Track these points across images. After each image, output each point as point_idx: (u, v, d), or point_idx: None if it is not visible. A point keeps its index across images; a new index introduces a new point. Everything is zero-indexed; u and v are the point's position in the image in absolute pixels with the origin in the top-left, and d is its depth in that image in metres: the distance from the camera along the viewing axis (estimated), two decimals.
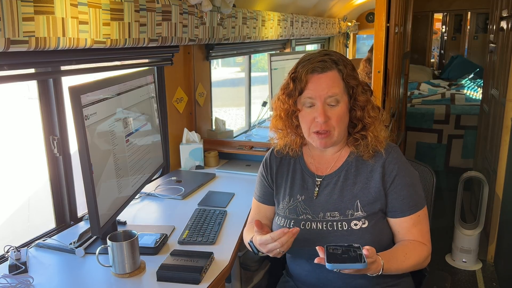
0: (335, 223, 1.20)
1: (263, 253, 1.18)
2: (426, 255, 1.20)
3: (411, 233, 1.20)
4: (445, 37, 7.07)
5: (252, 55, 3.36)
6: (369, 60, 3.24)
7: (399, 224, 1.21)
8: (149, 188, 1.94)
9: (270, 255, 1.14)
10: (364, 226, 1.17)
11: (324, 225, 1.21)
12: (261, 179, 1.39)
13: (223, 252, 1.39)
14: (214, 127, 2.63)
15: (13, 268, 1.29)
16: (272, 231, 1.20)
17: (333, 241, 1.18)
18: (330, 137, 1.20)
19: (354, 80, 1.20)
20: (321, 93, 1.16)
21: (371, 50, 3.27)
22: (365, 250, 1.02)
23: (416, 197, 1.21)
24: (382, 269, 1.08)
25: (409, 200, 1.20)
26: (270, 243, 1.10)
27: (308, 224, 1.23)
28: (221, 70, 7.18)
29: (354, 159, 1.25)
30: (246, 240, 1.30)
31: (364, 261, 1.00)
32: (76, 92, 1.17)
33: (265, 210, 1.39)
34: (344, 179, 1.24)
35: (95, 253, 1.29)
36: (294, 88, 1.19)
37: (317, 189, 1.27)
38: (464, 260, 2.74)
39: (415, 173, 1.26)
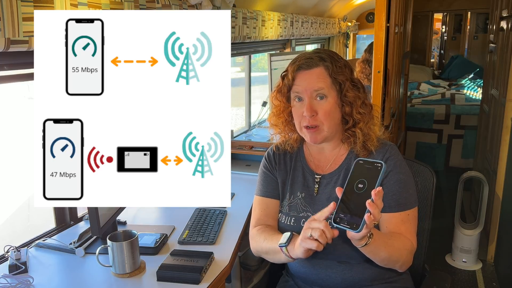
0: None
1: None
2: (409, 248, 1.16)
3: (399, 230, 1.18)
4: (445, 37, 7.07)
5: (252, 55, 3.35)
6: (367, 61, 3.01)
7: (387, 220, 1.19)
8: None
9: (303, 243, 1.02)
10: None
11: None
12: (265, 173, 1.36)
13: (223, 252, 1.39)
14: None
15: (13, 268, 1.29)
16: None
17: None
18: (320, 132, 1.21)
19: (342, 76, 1.21)
20: (306, 88, 1.20)
21: (368, 50, 3.03)
22: (367, 218, 0.92)
23: (407, 195, 1.20)
24: (368, 242, 1.01)
25: (399, 197, 1.19)
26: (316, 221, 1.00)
27: None
28: None
29: (354, 157, 1.25)
30: (265, 244, 1.23)
31: (360, 229, 0.92)
32: None
33: (273, 205, 1.33)
34: (344, 177, 1.24)
35: (95, 253, 1.30)
36: (283, 85, 1.26)
37: (317, 186, 1.27)
38: (464, 260, 2.74)
39: (410, 173, 1.26)
